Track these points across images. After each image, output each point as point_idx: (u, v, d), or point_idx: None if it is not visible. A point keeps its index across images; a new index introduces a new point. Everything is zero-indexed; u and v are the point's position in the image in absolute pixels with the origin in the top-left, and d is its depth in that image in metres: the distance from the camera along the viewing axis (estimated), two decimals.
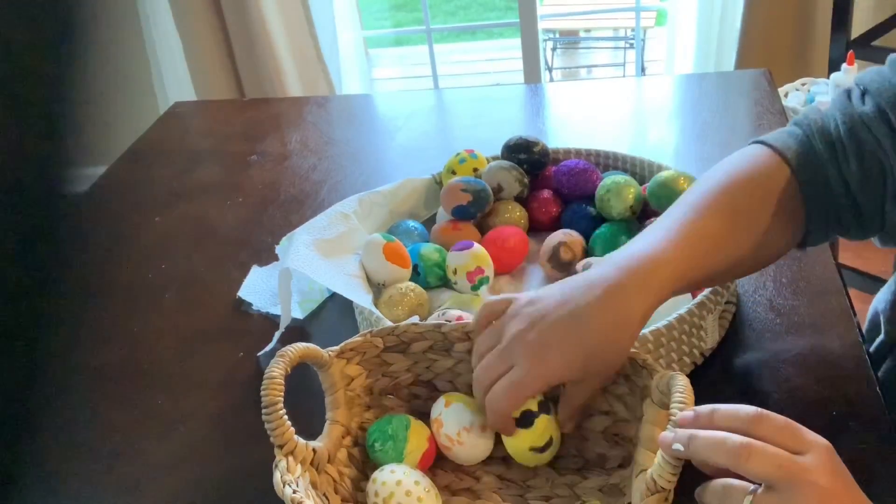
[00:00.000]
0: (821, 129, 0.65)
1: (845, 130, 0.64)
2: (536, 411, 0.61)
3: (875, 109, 0.63)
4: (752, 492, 0.46)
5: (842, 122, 0.64)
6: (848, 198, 0.64)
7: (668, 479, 0.49)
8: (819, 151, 0.64)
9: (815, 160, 0.64)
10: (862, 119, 0.63)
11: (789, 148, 0.65)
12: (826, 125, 0.65)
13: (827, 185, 0.64)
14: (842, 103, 0.66)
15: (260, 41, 2.08)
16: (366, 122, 1.34)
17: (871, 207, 0.64)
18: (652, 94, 1.35)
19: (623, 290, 0.56)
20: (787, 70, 2.08)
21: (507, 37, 4.36)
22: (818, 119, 0.66)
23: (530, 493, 0.63)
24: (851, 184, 0.64)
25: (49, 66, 0.29)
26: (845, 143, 0.63)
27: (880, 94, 0.63)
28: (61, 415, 0.77)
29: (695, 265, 0.60)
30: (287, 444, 0.57)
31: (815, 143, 0.65)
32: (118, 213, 1.12)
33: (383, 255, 0.80)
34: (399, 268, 0.81)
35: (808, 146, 0.65)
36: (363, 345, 0.65)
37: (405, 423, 0.63)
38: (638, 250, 0.59)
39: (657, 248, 0.59)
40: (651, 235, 0.61)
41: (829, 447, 0.47)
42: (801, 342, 0.73)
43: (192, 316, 0.90)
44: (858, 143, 0.63)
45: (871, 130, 0.63)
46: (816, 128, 0.65)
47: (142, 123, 1.36)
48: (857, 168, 0.63)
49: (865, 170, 0.63)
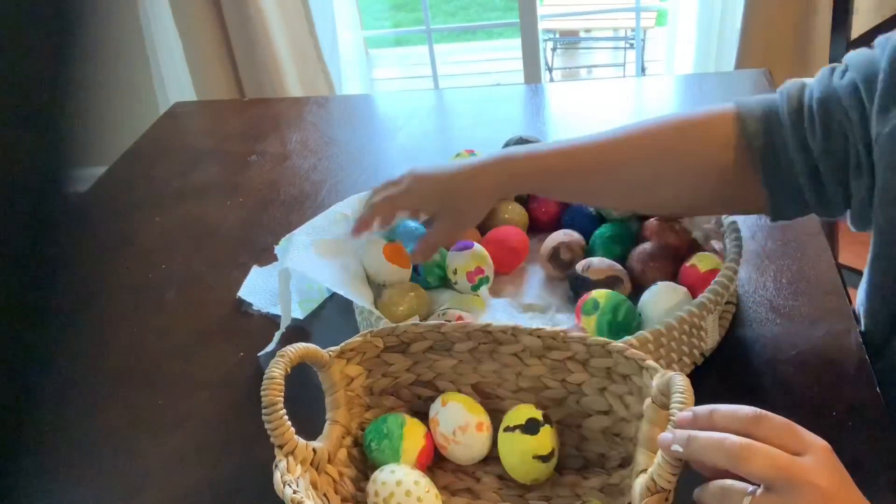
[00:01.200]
0: (795, 98, 0.67)
1: (817, 100, 0.65)
2: (541, 420, 0.61)
3: (850, 83, 0.65)
4: (752, 493, 0.46)
5: (817, 93, 0.66)
6: (808, 166, 0.66)
7: (668, 480, 0.49)
8: (783, 117, 0.66)
9: (777, 125, 0.67)
10: (836, 91, 0.65)
11: (752, 112, 0.68)
12: (801, 95, 0.67)
13: (785, 152, 0.66)
14: (823, 76, 0.68)
15: (260, 41, 2.08)
16: (366, 122, 1.34)
17: (832, 180, 0.65)
18: (652, 94, 1.35)
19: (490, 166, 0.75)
20: (787, 70, 2.08)
21: (507, 37, 4.35)
22: (797, 89, 0.68)
23: (530, 494, 0.63)
24: (814, 152, 0.65)
25: (48, 66, 0.29)
26: (815, 113, 0.65)
27: (857, 69, 0.65)
28: (61, 415, 0.77)
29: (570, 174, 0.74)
30: (287, 444, 0.57)
31: (782, 109, 0.67)
32: (118, 213, 1.12)
33: (383, 255, 0.80)
34: (399, 268, 0.81)
35: (774, 111, 0.67)
36: (363, 345, 0.65)
37: (400, 421, 0.63)
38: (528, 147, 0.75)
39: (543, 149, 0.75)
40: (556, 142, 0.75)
41: (828, 448, 0.47)
42: (801, 342, 0.73)
43: (192, 316, 0.90)
44: (826, 114, 0.65)
45: (842, 102, 0.64)
46: (791, 95, 0.67)
47: (142, 123, 1.36)
48: (822, 137, 0.65)
49: (830, 140, 0.64)
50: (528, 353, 0.65)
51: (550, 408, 0.65)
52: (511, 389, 0.67)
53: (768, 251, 0.85)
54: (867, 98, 0.63)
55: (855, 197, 0.65)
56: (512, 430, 0.62)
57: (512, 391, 0.67)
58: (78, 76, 0.30)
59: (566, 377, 0.64)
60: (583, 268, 0.78)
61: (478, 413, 0.64)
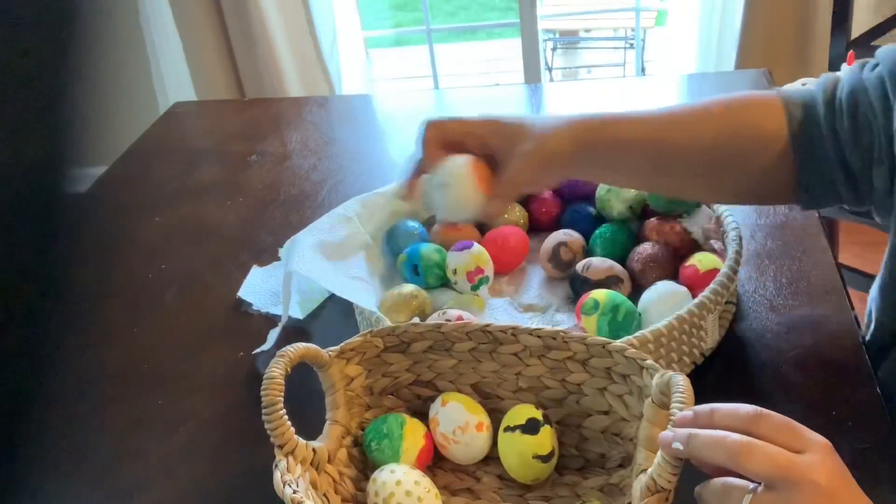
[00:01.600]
0: (829, 90, 0.68)
1: (847, 92, 0.67)
2: (541, 420, 0.61)
3: (878, 77, 0.66)
4: (752, 491, 0.46)
5: (847, 86, 0.67)
6: (837, 153, 0.67)
7: (668, 479, 0.49)
8: (820, 107, 0.68)
9: (814, 115, 0.68)
10: (864, 84, 0.66)
11: (796, 100, 0.69)
12: (835, 87, 0.69)
13: (820, 140, 0.67)
14: (854, 70, 0.69)
15: (260, 41, 2.08)
16: (366, 122, 1.34)
17: (860, 169, 0.66)
18: (652, 94, 1.35)
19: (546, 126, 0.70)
20: (787, 70, 2.08)
21: (507, 37, 4.36)
22: (832, 82, 0.69)
23: (530, 494, 0.63)
24: (842, 139, 0.67)
25: (48, 66, 0.29)
26: (843, 104, 0.67)
27: (885, 64, 0.66)
28: (61, 415, 0.77)
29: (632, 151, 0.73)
30: (287, 444, 0.57)
31: (819, 99, 0.68)
32: (118, 213, 1.12)
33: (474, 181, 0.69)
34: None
35: (812, 101, 0.68)
36: (363, 345, 0.65)
37: (400, 421, 0.63)
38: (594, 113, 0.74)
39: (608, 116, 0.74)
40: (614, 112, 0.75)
41: (828, 446, 0.47)
42: (801, 342, 0.73)
43: (192, 316, 0.90)
44: (854, 105, 0.66)
45: (868, 94, 0.66)
46: (826, 88, 0.69)
47: (142, 123, 1.36)
48: (850, 128, 0.66)
49: (857, 131, 0.66)
50: (528, 353, 0.65)
51: (550, 408, 0.65)
52: (511, 389, 0.67)
53: (768, 251, 0.85)
54: (892, 91, 0.64)
55: (877, 187, 0.66)
56: (512, 430, 0.62)
57: (512, 391, 0.67)
58: (78, 76, 0.30)
59: (566, 377, 0.64)
60: (583, 268, 0.78)
61: (478, 413, 0.64)
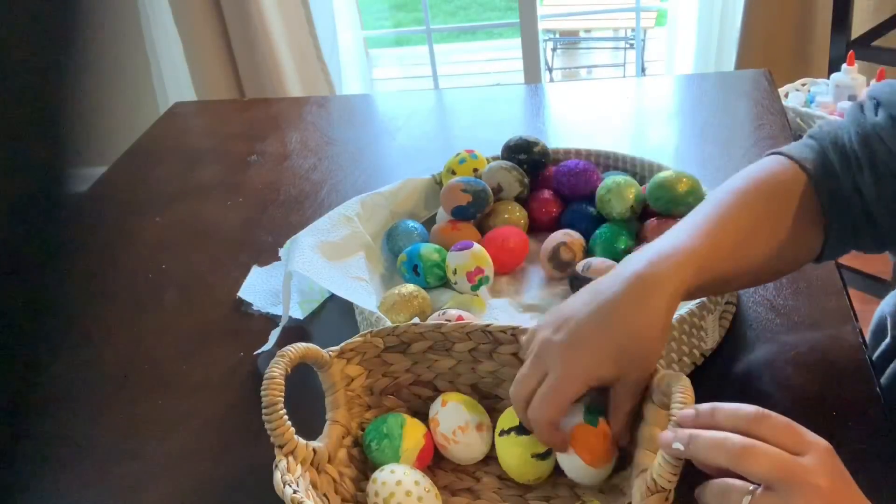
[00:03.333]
0: (834, 141, 0.65)
1: (858, 141, 0.64)
2: None
3: (887, 119, 0.63)
4: (752, 492, 0.46)
5: (854, 134, 0.64)
6: (863, 208, 0.64)
7: (669, 479, 0.49)
8: (833, 162, 0.64)
9: (830, 170, 0.64)
10: (875, 129, 0.63)
11: (806, 158, 0.65)
12: (839, 137, 0.65)
13: (842, 196, 0.64)
14: (855, 115, 0.66)
15: (260, 41, 2.08)
16: (366, 122, 1.34)
17: (886, 218, 0.63)
18: (652, 94, 1.35)
19: (647, 282, 0.56)
20: (787, 70, 2.08)
21: (507, 37, 4.36)
22: (832, 131, 0.66)
23: (530, 494, 0.63)
24: (866, 194, 0.63)
25: (48, 67, 0.29)
26: (858, 154, 0.63)
27: (891, 105, 0.63)
28: (61, 415, 0.77)
29: (720, 258, 0.60)
30: (287, 444, 0.57)
31: (829, 154, 0.65)
32: (118, 213, 1.12)
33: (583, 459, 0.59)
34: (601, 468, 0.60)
35: (823, 157, 0.65)
36: (363, 345, 0.65)
37: (400, 421, 0.63)
38: (662, 245, 0.59)
39: (682, 240, 0.59)
40: (676, 231, 0.61)
41: (829, 448, 0.47)
42: (801, 342, 0.73)
43: (192, 316, 0.90)
44: (871, 154, 0.63)
45: (884, 140, 0.63)
46: (830, 139, 0.65)
47: (142, 123, 1.36)
48: (871, 178, 0.63)
49: (879, 179, 0.63)
50: None
51: None
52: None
53: None
54: None
55: None
56: (507, 434, 0.62)
57: None
58: (78, 76, 0.30)
59: None
60: (583, 268, 0.78)
61: (478, 413, 0.64)
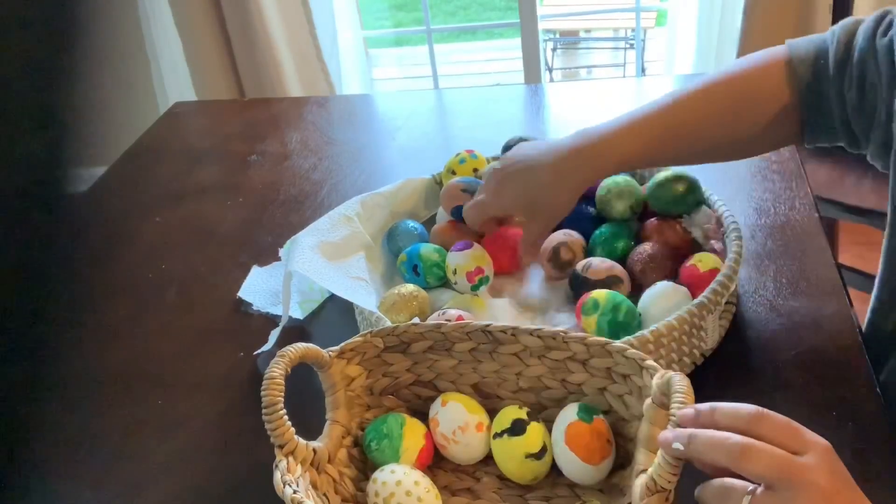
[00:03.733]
0: (843, 46, 0.70)
1: (858, 58, 0.68)
2: (527, 419, 0.61)
3: (888, 43, 0.66)
4: (752, 492, 0.46)
5: (858, 49, 0.69)
6: (842, 116, 0.70)
7: (669, 479, 0.49)
8: (829, 70, 0.70)
9: (824, 73, 0.70)
10: (874, 49, 0.67)
11: (804, 59, 0.71)
12: (850, 43, 0.70)
13: (826, 99, 0.70)
14: (869, 28, 0.69)
15: (260, 41, 2.08)
16: (366, 122, 1.34)
17: (861, 131, 0.70)
18: (652, 94, 1.35)
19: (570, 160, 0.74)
20: None
21: (507, 37, 4.36)
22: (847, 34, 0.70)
23: (530, 494, 0.63)
24: (847, 107, 0.69)
25: (48, 66, 0.29)
26: (853, 71, 0.68)
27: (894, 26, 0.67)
28: (61, 415, 0.77)
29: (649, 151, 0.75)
30: (287, 444, 0.57)
31: (829, 61, 0.70)
32: (118, 213, 1.12)
33: None
34: None
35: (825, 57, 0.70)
36: (363, 345, 0.65)
37: (400, 421, 0.63)
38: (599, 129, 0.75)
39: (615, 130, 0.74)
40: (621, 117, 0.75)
41: (828, 447, 0.47)
42: (801, 342, 0.73)
43: (192, 316, 0.90)
44: (862, 74, 0.68)
45: (878, 62, 0.67)
46: (840, 42, 0.70)
47: (142, 123, 1.36)
48: (856, 94, 0.68)
49: (862, 98, 0.68)
50: (528, 353, 0.65)
51: (550, 408, 0.65)
52: (511, 389, 0.67)
53: (768, 251, 0.85)
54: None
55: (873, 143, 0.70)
56: (500, 436, 0.62)
57: (512, 391, 0.67)
58: (78, 76, 0.30)
59: (566, 377, 0.64)
60: (583, 268, 0.78)
61: (478, 413, 0.64)
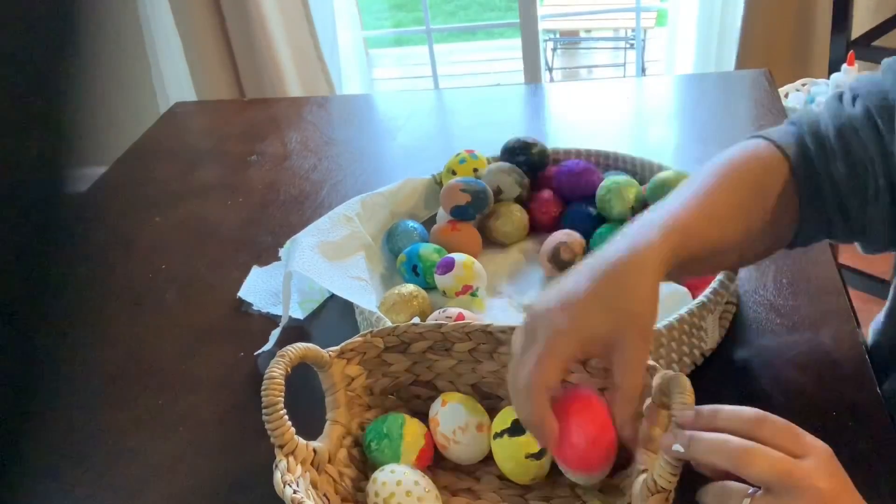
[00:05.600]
0: (813, 130, 0.66)
1: (834, 132, 0.64)
2: None
3: (864, 112, 0.64)
4: (751, 495, 0.46)
5: (832, 125, 0.65)
6: (835, 198, 0.65)
7: (669, 480, 0.49)
8: (811, 150, 0.65)
9: (808, 158, 0.65)
10: (851, 121, 0.64)
11: (788, 144, 0.66)
12: (817, 125, 0.66)
13: (818, 184, 0.65)
14: (833, 106, 0.67)
15: (260, 41, 2.08)
16: (366, 122, 1.34)
17: (856, 209, 0.64)
18: (652, 94, 1.35)
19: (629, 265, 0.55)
20: (787, 70, 2.08)
21: (507, 37, 4.35)
22: (812, 119, 0.67)
23: (530, 494, 0.63)
24: (839, 185, 0.64)
25: (49, 66, 0.29)
26: (834, 145, 0.64)
27: (869, 97, 0.64)
28: (61, 415, 0.77)
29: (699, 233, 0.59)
30: (287, 444, 0.57)
31: (807, 141, 0.65)
32: (118, 213, 1.12)
33: None
34: None
35: (802, 144, 0.66)
36: (363, 345, 0.65)
37: (400, 421, 0.63)
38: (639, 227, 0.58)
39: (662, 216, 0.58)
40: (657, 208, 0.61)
41: (829, 451, 0.47)
42: (801, 342, 0.73)
43: (192, 316, 0.90)
44: (846, 145, 0.64)
45: (859, 133, 0.63)
46: (809, 128, 0.66)
47: (142, 123, 1.36)
48: (845, 170, 0.64)
49: (852, 172, 0.64)
50: None
51: None
52: None
53: None
54: (885, 126, 0.62)
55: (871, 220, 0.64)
56: (500, 436, 0.62)
57: None
58: (78, 76, 0.30)
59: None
60: None
61: (478, 413, 0.64)
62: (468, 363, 0.67)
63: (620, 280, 0.54)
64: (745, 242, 0.64)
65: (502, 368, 0.66)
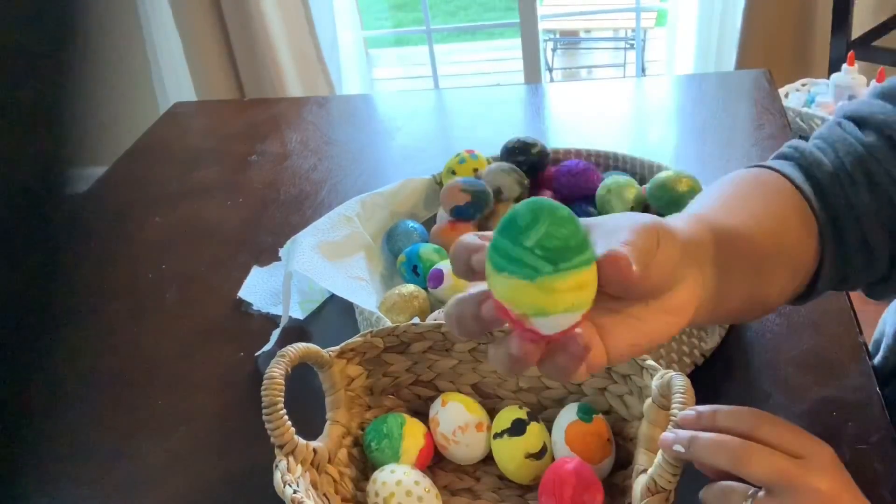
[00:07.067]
0: (817, 163, 0.60)
1: (851, 162, 0.59)
2: (527, 419, 0.61)
3: (879, 139, 0.59)
4: (752, 495, 0.46)
5: (844, 154, 0.59)
6: (858, 230, 0.58)
7: (669, 480, 0.49)
8: (821, 181, 0.59)
9: (819, 189, 0.59)
10: (869, 151, 0.59)
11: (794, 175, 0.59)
12: (820, 159, 0.60)
13: (837, 215, 0.58)
14: (836, 135, 0.61)
15: (260, 41, 2.09)
16: (366, 122, 1.34)
17: (879, 241, 0.59)
18: (652, 94, 1.35)
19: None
20: (788, 70, 2.08)
21: (507, 37, 4.36)
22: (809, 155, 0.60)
23: (530, 494, 0.63)
24: (862, 215, 0.58)
25: (49, 67, 0.29)
26: (852, 175, 0.58)
27: (886, 124, 0.59)
28: (60, 415, 0.77)
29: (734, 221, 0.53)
30: (287, 444, 0.57)
31: (815, 173, 0.59)
32: (118, 213, 1.12)
33: None
34: None
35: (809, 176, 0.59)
36: (363, 345, 0.65)
37: (400, 421, 0.63)
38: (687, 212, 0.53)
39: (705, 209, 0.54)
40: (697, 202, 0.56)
41: (830, 452, 0.47)
42: (801, 342, 0.73)
43: (192, 316, 0.89)
44: (868, 175, 0.58)
45: (881, 162, 0.58)
46: (811, 161, 0.60)
47: (142, 123, 1.36)
48: (870, 199, 0.58)
49: (878, 201, 0.58)
50: None
51: (551, 408, 0.65)
52: (511, 389, 0.67)
53: None
54: None
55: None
56: (500, 436, 0.62)
57: (512, 391, 0.67)
58: (78, 76, 0.30)
59: None
60: None
61: (478, 413, 0.64)
62: (468, 363, 0.67)
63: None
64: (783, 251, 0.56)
65: None
